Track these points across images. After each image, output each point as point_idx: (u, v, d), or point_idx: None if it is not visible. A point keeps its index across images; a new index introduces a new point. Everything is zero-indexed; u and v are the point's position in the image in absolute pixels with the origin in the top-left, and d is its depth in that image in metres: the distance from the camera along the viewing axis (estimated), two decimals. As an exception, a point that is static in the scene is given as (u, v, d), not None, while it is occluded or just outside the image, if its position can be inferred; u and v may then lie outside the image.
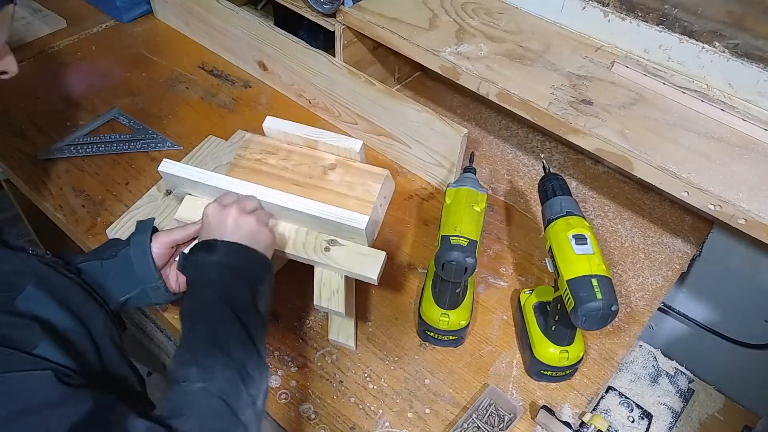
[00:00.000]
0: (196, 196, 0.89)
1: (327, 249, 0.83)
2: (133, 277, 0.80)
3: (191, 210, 0.88)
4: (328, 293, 0.84)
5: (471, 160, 0.96)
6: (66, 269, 0.76)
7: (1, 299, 0.63)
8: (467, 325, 0.90)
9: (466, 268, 0.79)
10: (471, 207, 0.84)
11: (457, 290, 0.87)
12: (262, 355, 0.69)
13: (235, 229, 0.74)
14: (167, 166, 0.84)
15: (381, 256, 0.82)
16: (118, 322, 0.82)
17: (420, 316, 0.91)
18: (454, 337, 0.91)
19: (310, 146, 0.90)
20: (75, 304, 0.70)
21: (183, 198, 0.89)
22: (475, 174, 0.92)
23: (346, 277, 0.84)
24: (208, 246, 0.73)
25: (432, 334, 0.90)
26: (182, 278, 0.84)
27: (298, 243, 0.83)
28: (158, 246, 0.81)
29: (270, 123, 0.91)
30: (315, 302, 0.84)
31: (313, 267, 0.86)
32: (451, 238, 0.80)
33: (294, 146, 0.91)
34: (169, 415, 0.61)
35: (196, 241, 0.79)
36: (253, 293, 0.71)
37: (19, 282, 0.65)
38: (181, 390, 0.63)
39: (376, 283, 0.81)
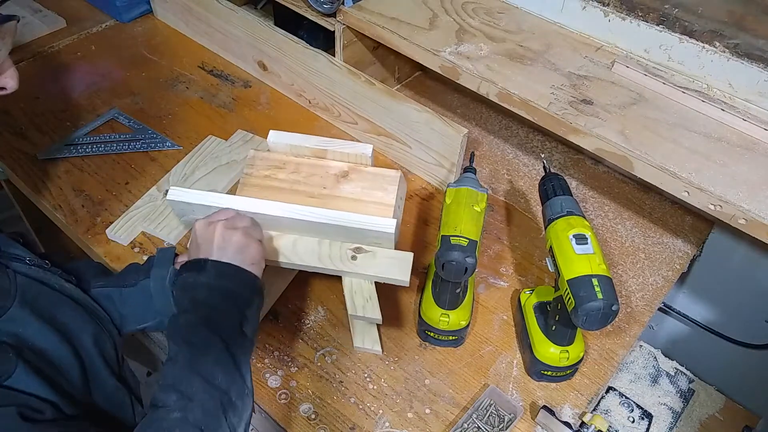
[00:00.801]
0: None
1: (354, 257, 0.82)
2: (151, 308, 0.80)
3: None
4: (362, 301, 0.83)
5: (471, 160, 0.96)
6: (64, 279, 0.75)
7: None
8: (467, 325, 0.90)
9: (466, 268, 0.79)
10: (471, 207, 0.84)
11: (457, 290, 0.87)
12: (247, 382, 0.67)
13: (223, 244, 0.71)
14: (177, 193, 0.80)
15: (409, 257, 0.81)
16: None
17: (420, 316, 0.91)
18: (454, 337, 0.91)
19: (317, 156, 0.88)
20: (62, 321, 0.69)
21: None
22: (475, 174, 0.92)
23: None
24: (197, 265, 0.70)
25: (432, 334, 0.90)
26: None
27: (323, 255, 0.82)
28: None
29: (274, 137, 0.88)
30: (349, 312, 0.83)
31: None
32: (451, 238, 0.80)
33: (301, 158, 0.89)
34: None
35: (185, 259, 0.76)
36: (241, 318, 0.69)
37: (2, 303, 0.64)
38: (158, 416, 0.60)
39: (407, 285, 0.81)
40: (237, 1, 1.33)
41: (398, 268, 0.81)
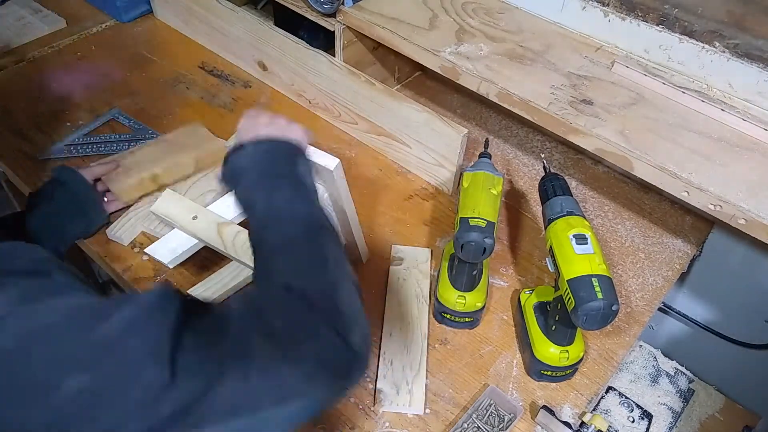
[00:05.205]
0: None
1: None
2: (77, 207, 0.94)
3: (169, 204, 0.91)
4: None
5: (486, 146, 0.99)
6: None
7: None
8: (483, 307, 0.91)
9: (485, 249, 0.81)
10: (488, 190, 0.86)
11: (474, 272, 0.88)
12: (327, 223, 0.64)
13: (268, 130, 0.68)
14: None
15: None
16: None
17: (437, 299, 0.92)
18: (470, 319, 0.92)
19: None
20: None
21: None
22: (490, 159, 0.95)
23: None
24: (239, 147, 0.67)
25: (448, 316, 0.92)
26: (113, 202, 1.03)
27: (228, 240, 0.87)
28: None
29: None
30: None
31: None
32: (469, 219, 0.82)
33: None
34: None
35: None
36: (293, 162, 0.66)
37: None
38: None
39: None
40: (237, 1, 1.33)
41: None
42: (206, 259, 0.98)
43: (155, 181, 1.06)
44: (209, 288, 0.94)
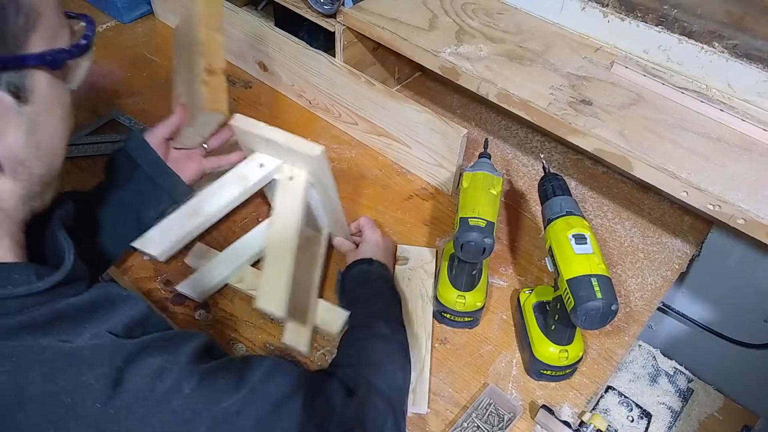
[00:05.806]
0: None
1: None
2: (157, 190, 0.90)
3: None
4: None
5: (486, 146, 0.99)
6: None
7: None
8: (482, 307, 0.92)
9: (485, 248, 0.81)
10: (488, 190, 0.86)
11: (473, 272, 0.88)
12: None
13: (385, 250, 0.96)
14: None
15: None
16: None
17: (437, 298, 0.93)
18: (469, 319, 0.92)
19: None
20: None
21: None
22: (490, 159, 0.95)
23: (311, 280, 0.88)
24: (370, 260, 0.90)
25: (448, 315, 0.92)
26: (191, 170, 0.96)
27: None
28: (157, 147, 0.92)
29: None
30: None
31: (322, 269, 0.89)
32: (469, 219, 0.82)
33: None
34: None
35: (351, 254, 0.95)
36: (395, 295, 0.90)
37: None
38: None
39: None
40: (237, 2, 1.33)
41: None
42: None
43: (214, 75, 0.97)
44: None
